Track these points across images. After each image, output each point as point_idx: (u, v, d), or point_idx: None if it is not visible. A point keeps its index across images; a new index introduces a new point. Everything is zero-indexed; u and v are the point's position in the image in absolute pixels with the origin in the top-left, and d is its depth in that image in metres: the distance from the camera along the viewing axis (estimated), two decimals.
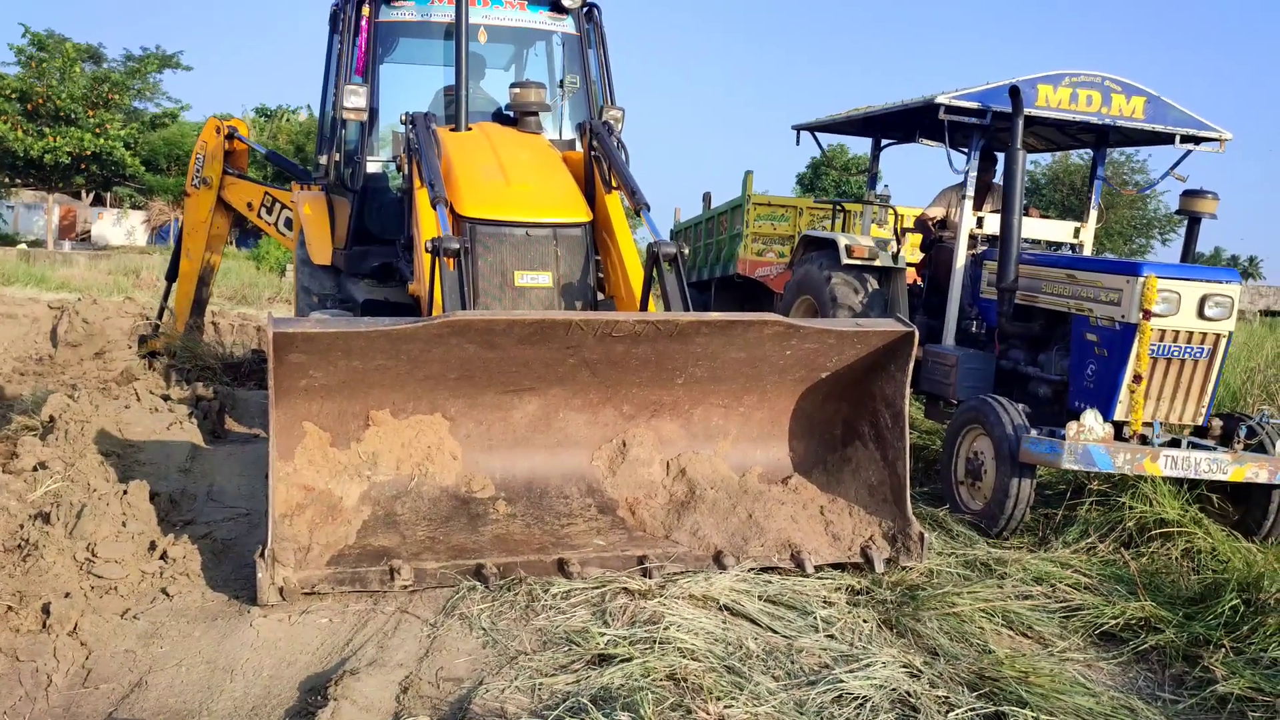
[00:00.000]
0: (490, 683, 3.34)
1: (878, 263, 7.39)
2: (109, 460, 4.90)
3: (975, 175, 6.82)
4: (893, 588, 4.40)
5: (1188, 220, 6.30)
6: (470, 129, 6.00)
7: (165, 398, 6.54)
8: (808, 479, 4.95)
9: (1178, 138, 6.66)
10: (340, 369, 4.16)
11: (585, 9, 7.13)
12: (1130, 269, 5.59)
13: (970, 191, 6.78)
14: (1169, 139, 6.74)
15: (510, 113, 6.41)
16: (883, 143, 8.49)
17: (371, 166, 6.83)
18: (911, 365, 4.60)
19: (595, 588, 4.08)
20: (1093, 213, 7.36)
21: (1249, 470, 5.22)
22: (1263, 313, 20.30)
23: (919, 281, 7.89)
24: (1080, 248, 7.31)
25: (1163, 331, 5.43)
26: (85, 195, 39.13)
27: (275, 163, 10.49)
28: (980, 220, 6.92)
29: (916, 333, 4.57)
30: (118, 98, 32.23)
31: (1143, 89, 6.46)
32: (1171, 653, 4.06)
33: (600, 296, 5.75)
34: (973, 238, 6.99)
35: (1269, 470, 5.23)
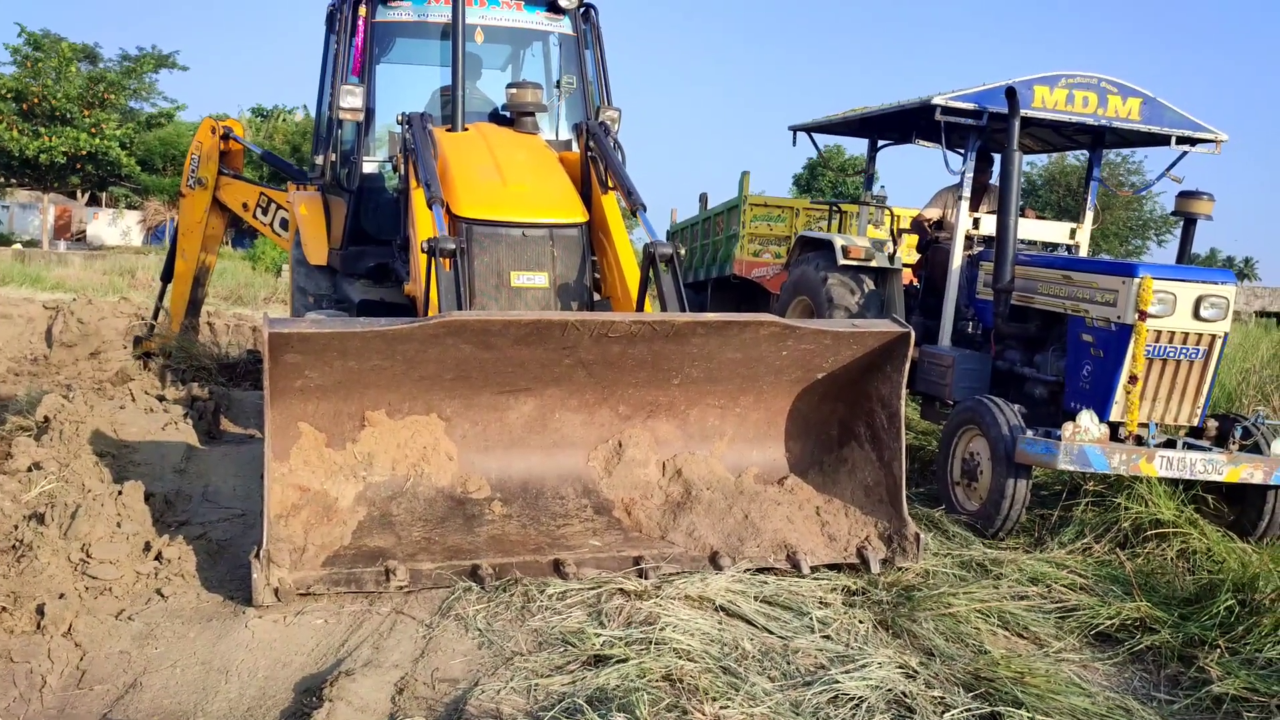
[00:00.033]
0: (486, 684, 3.34)
1: (874, 263, 7.39)
2: (104, 461, 4.89)
3: (971, 176, 6.83)
4: (889, 588, 4.40)
5: (1183, 221, 6.31)
6: (467, 129, 6.00)
7: (160, 398, 6.53)
8: (804, 480, 4.95)
9: (1173, 139, 6.67)
10: (336, 369, 4.15)
11: (582, 9, 7.13)
12: (1126, 270, 5.59)
13: (966, 192, 6.79)
14: (1165, 140, 6.75)
15: (507, 113, 6.41)
16: (879, 143, 8.49)
17: (368, 167, 6.83)
18: (907, 366, 4.61)
19: (591, 588, 4.08)
20: (1088, 214, 7.37)
21: (1244, 471, 5.23)
22: (1258, 314, 20.31)
23: (915, 282, 7.90)
24: (1076, 249, 7.31)
25: (1158, 332, 5.44)
26: (81, 195, 39.12)
27: (271, 163, 10.48)
28: (976, 221, 6.93)
29: (912, 333, 4.57)
30: (113, 97, 32.15)
31: (1139, 90, 6.47)
32: (1167, 653, 4.06)
33: (596, 297, 5.74)
34: (969, 239, 7.00)
35: (1264, 471, 5.24)
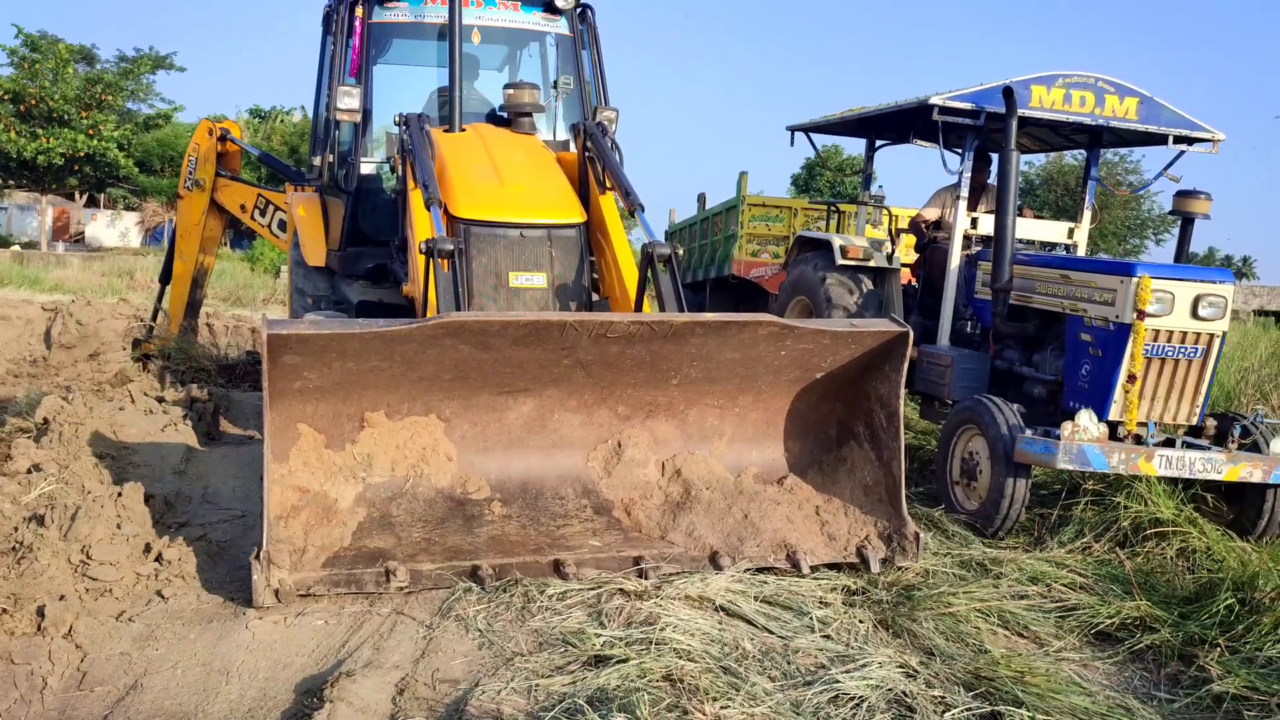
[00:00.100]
0: (486, 684, 3.33)
1: (872, 263, 7.40)
2: (103, 462, 4.89)
3: (969, 176, 6.84)
4: (888, 588, 4.40)
5: (1181, 220, 6.32)
6: (464, 130, 6.00)
7: (160, 399, 6.53)
8: (803, 479, 4.95)
9: (1171, 138, 6.68)
10: (335, 370, 4.15)
11: (579, 10, 7.13)
12: (1124, 269, 5.60)
13: (964, 192, 6.80)
14: (1162, 140, 6.76)
15: (504, 114, 6.41)
16: (877, 143, 8.50)
17: (365, 168, 6.82)
18: (906, 365, 4.61)
19: (591, 589, 4.08)
20: (1086, 213, 7.38)
21: (1243, 470, 5.24)
22: (1256, 312, 20.30)
23: (914, 282, 7.91)
24: (1074, 248, 7.32)
25: (1157, 332, 5.44)
26: (79, 197, 39.09)
27: (268, 164, 10.47)
28: (975, 221, 6.93)
29: (911, 333, 4.58)
30: (111, 99, 32.11)
31: (1136, 90, 6.48)
32: (1167, 652, 4.07)
33: (595, 297, 5.74)
34: (967, 238, 7.00)
35: (1263, 470, 5.25)
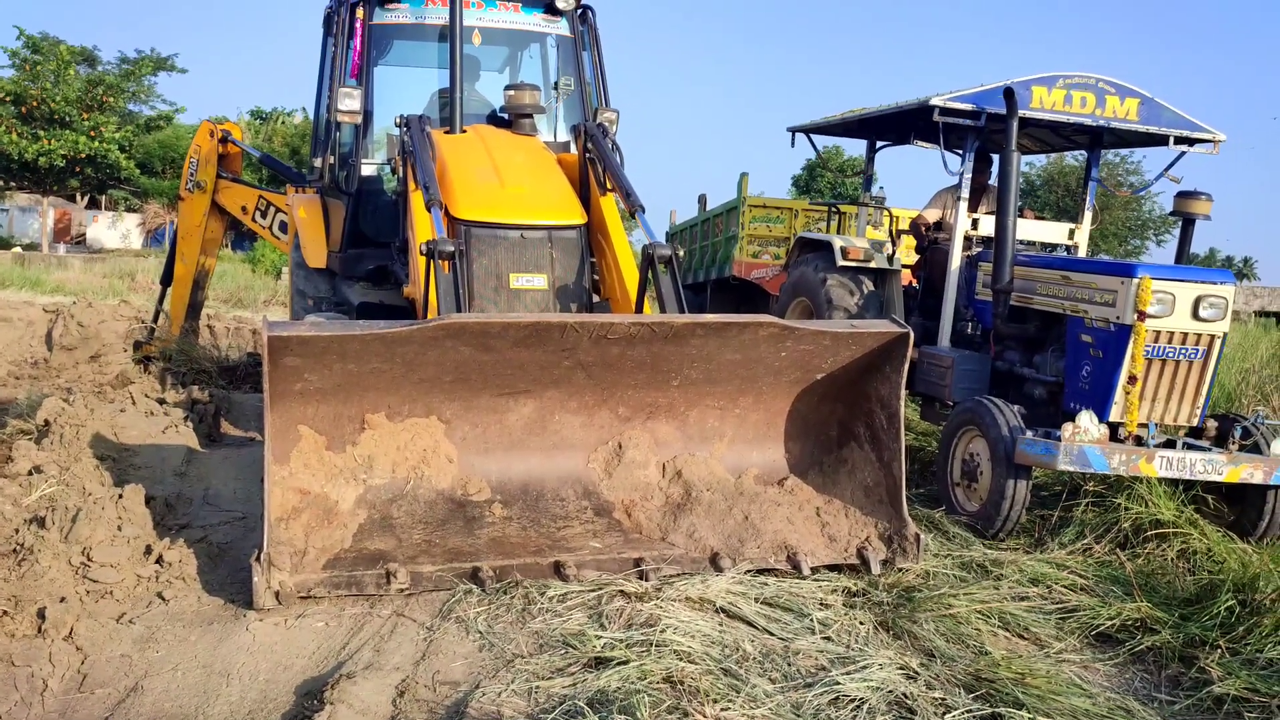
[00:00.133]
0: (487, 686, 3.33)
1: (873, 264, 7.39)
2: (104, 464, 4.89)
3: (970, 177, 6.83)
4: (889, 589, 4.40)
5: (1182, 221, 6.31)
6: (465, 131, 6.00)
7: (161, 401, 6.53)
8: (803, 480, 4.95)
9: (1171, 139, 6.68)
10: (335, 372, 4.15)
11: (579, 11, 7.13)
12: (1125, 270, 5.59)
13: (965, 193, 6.80)
14: (1163, 140, 6.75)
15: (505, 115, 6.41)
16: (878, 145, 8.49)
17: (366, 169, 6.83)
18: (906, 366, 4.61)
19: (592, 590, 4.07)
20: (1087, 214, 7.37)
21: (1244, 471, 5.23)
22: (1257, 313, 20.31)
23: (914, 283, 7.90)
24: (1075, 249, 7.31)
25: (1157, 333, 5.44)
26: (80, 198, 39.11)
27: (269, 166, 10.48)
28: (975, 222, 6.93)
29: (911, 334, 4.57)
30: (112, 100, 32.16)
31: (1136, 90, 6.48)
32: (1167, 653, 4.06)
33: (595, 299, 5.74)
34: (968, 239, 7.00)
35: (1264, 471, 5.24)
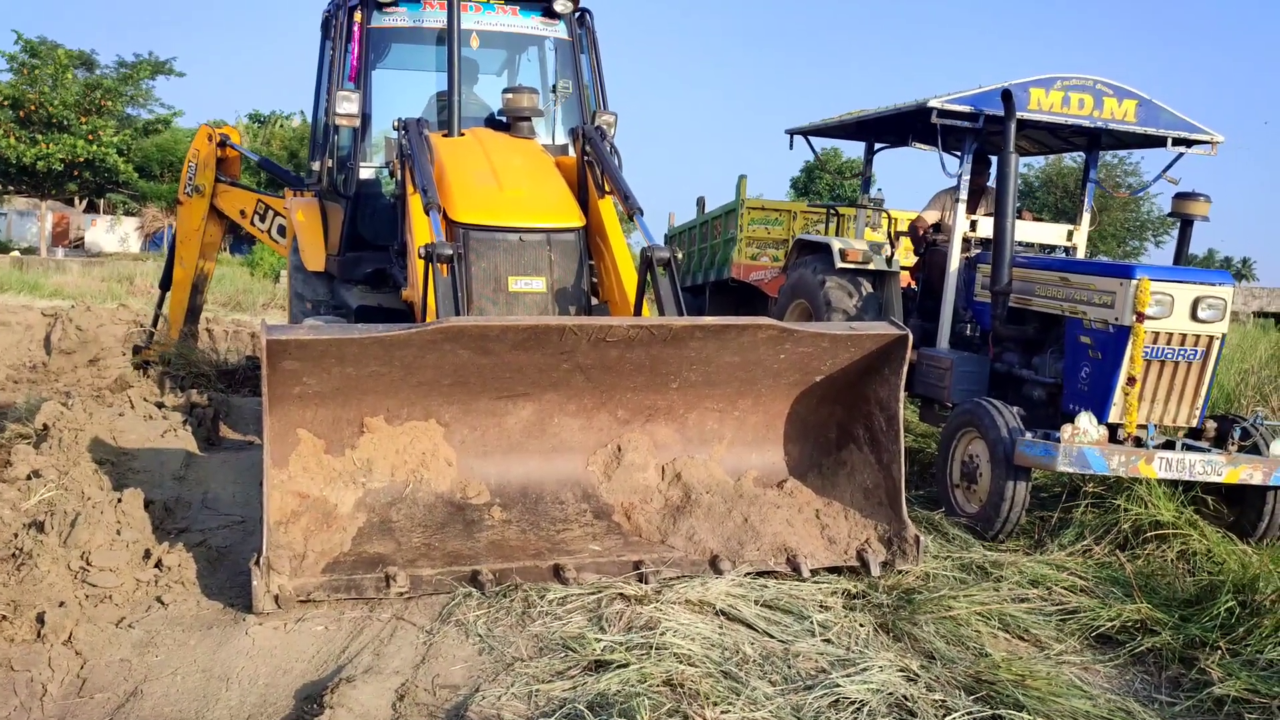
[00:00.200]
0: (487, 690, 3.33)
1: (872, 266, 7.40)
2: (103, 468, 4.89)
3: (968, 179, 6.84)
4: (889, 591, 4.40)
5: (1180, 222, 6.32)
6: (463, 135, 6.00)
7: (160, 405, 6.53)
8: (803, 483, 4.95)
9: (1169, 140, 6.68)
10: (334, 375, 4.15)
11: (578, 14, 7.13)
12: (1123, 271, 5.59)
13: (964, 195, 6.80)
14: (1161, 142, 6.76)
15: (503, 118, 6.41)
16: (876, 147, 8.50)
17: (364, 172, 6.83)
18: (905, 368, 4.61)
19: (591, 593, 4.07)
20: (1085, 215, 7.38)
21: (1243, 472, 5.23)
22: (1256, 314, 20.32)
23: (913, 285, 7.90)
24: (1073, 250, 7.32)
25: (1156, 334, 5.44)
26: (78, 202, 39.06)
27: (268, 169, 10.49)
28: (974, 224, 6.93)
29: (910, 336, 4.57)
30: (110, 104, 32.15)
31: (1134, 92, 6.48)
32: (1168, 655, 4.06)
33: (594, 301, 5.75)
34: (966, 241, 7.00)
35: (1263, 472, 5.24)
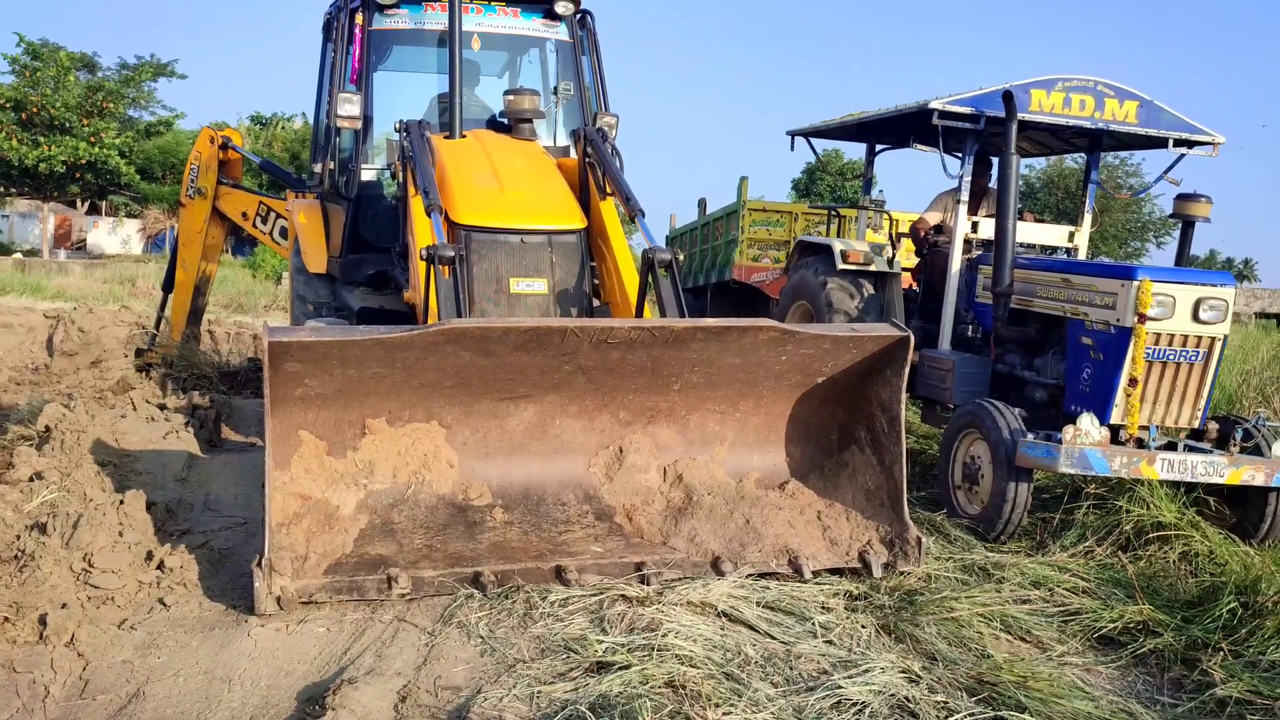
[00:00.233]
0: (488, 691, 3.33)
1: (873, 268, 7.39)
2: (105, 470, 4.89)
3: (970, 180, 6.84)
4: (891, 593, 4.40)
5: (1182, 223, 6.32)
6: (464, 136, 6.01)
7: (162, 407, 6.53)
8: (805, 484, 4.95)
9: (1171, 141, 6.68)
10: (336, 377, 4.16)
11: (579, 16, 7.14)
12: (1125, 273, 5.59)
13: (965, 196, 6.80)
14: (1162, 143, 6.76)
15: (504, 120, 6.42)
16: (877, 148, 8.50)
17: (366, 174, 6.83)
18: (907, 370, 4.61)
19: (593, 595, 4.07)
20: (1087, 216, 7.38)
21: (1245, 473, 5.23)
22: (1258, 315, 20.33)
23: (915, 286, 7.90)
24: (1075, 252, 7.32)
25: (1158, 335, 5.44)
26: (80, 204, 39.16)
27: (269, 171, 10.51)
28: (975, 225, 6.93)
29: (912, 337, 4.58)
30: (112, 106, 32.24)
31: (1135, 93, 6.48)
32: (1170, 656, 4.06)
33: (596, 303, 5.75)
34: (968, 242, 7.00)
35: (1265, 473, 5.24)
